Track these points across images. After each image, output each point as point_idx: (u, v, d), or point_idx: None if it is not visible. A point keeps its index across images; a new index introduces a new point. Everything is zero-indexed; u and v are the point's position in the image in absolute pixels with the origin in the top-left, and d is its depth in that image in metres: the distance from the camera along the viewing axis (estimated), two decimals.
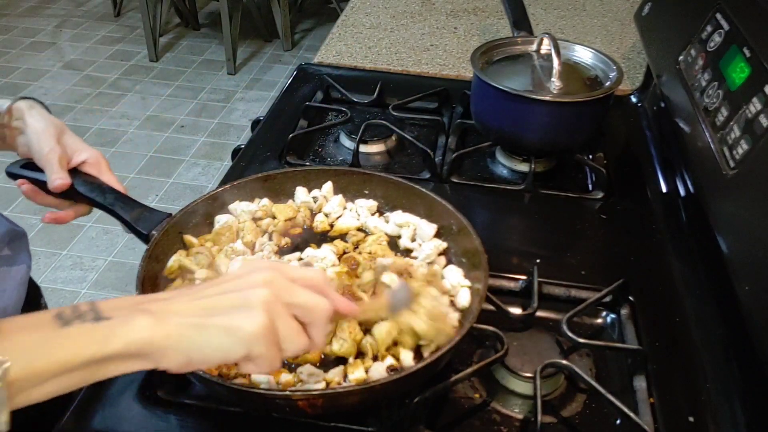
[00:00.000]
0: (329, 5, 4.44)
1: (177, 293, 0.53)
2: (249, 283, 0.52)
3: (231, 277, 0.54)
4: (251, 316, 0.50)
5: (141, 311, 0.49)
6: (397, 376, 0.61)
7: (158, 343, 0.48)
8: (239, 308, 0.51)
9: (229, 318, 0.50)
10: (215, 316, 0.50)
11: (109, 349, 0.47)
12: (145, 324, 0.48)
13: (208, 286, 0.54)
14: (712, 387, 0.74)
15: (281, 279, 0.53)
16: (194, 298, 0.52)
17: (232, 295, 0.52)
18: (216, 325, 0.50)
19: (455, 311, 0.73)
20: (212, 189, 0.86)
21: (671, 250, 0.93)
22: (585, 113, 1.02)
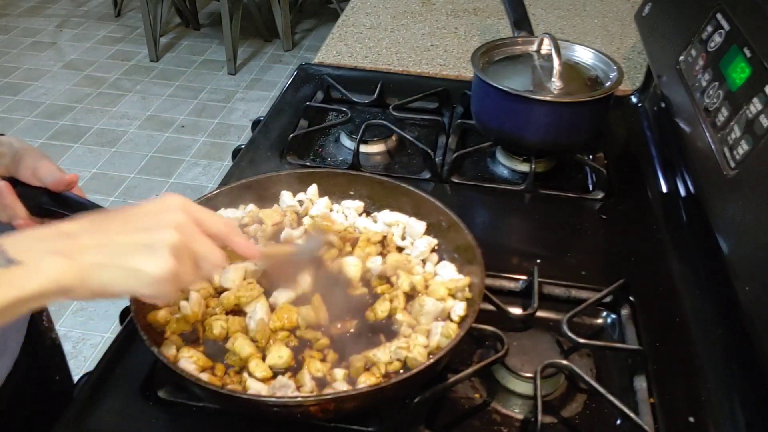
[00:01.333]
0: (329, 5, 4.44)
1: (85, 225, 0.53)
2: (158, 223, 0.53)
3: (142, 211, 0.55)
4: (156, 259, 0.52)
5: (51, 253, 0.50)
6: (406, 375, 0.61)
7: (69, 283, 0.50)
8: (146, 249, 0.52)
9: (135, 259, 0.51)
10: (122, 256, 0.51)
11: (24, 293, 0.48)
12: (56, 266, 0.49)
13: (117, 218, 0.54)
14: (712, 387, 0.74)
15: (189, 224, 0.55)
16: (102, 232, 0.53)
17: (141, 235, 0.53)
18: (122, 266, 0.51)
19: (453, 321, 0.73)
20: (201, 196, 0.85)
21: (671, 250, 0.93)
22: (585, 113, 1.02)
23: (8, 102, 3.44)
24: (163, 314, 0.71)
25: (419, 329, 0.71)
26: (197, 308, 0.72)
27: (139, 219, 0.54)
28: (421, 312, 0.72)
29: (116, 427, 0.69)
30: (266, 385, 0.66)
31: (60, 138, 3.17)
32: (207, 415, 0.69)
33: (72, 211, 0.73)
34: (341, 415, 0.67)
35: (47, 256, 0.50)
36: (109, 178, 2.90)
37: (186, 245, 0.54)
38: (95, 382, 0.72)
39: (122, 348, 0.76)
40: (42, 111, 3.38)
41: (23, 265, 0.49)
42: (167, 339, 0.70)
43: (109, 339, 0.72)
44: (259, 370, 0.67)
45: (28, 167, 0.71)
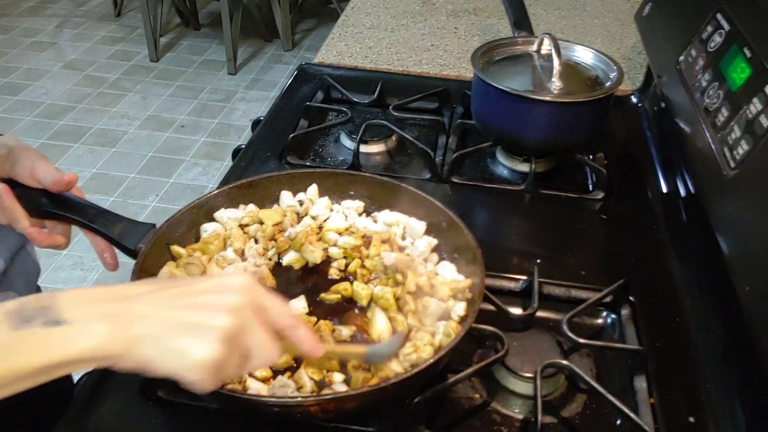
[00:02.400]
0: (330, 5, 4.44)
1: (144, 290, 0.51)
2: (215, 304, 0.50)
3: (202, 287, 0.52)
4: (204, 343, 0.48)
5: (102, 317, 0.47)
6: (406, 375, 0.61)
7: (114, 351, 0.47)
8: (196, 330, 0.49)
9: (182, 340, 0.48)
10: (170, 333, 0.48)
11: (66, 357, 0.46)
12: (104, 332, 0.47)
13: (175, 289, 0.51)
14: (712, 387, 0.74)
15: (248, 311, 0.51)
16: (157, 301, 0.50)
17: (195, 314, 0.49)
18: (168, 344, 0.48)
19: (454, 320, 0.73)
20: (201, 196, 0.85)
21: (671, 250, 0.93)
22: (585, 113, 1.02)
23: (8, 102, 3.44)
24: None
25: (424, 330, 0.71)
26: None
27: (198, 295, 0.51)
28: (425, 313, 0.72)
29: (116, 427, 0.69)
30: (266, 385, 0.66)
31: (60, 138, 3.17)
32: (207, 415, 0.69)
33: (73, 213, 0.73)
34: (341, 415, 0.67)
35: (97, 320, 0.47)
36: (109, 178, 2.90)
37: (239, 334, 0.50)
38: (95, 382, 0.72)
39: None
40: (42, 111, 3.38)
41: (70, 326, 0.46)
42: None
43: None
44: (258, 370, 0.67)
45: (25, 168, 0.70)
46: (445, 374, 0.71)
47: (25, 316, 0.45)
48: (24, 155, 0.71)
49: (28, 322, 0.45)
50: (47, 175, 0.70)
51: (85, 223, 0.73)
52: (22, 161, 0.71)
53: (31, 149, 0.72)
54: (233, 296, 0.51)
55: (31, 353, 0.45)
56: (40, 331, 0.45)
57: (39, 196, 0.71)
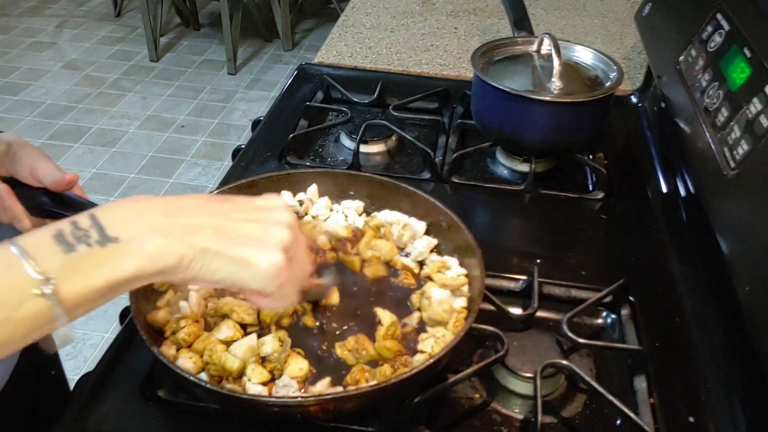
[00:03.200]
0: (329, 5, 4.44)
1: (193, 202, 0.50)
2: (272, 219, 0.52)
3: (253, 204, 0.53)
4: (269, 254, 0.50)
5: (155, 230, 0.46)
6: (406, 375, 0.61)
7: (171, 265, 0.47)
8: (259, 242, 0.50)
9: (247, 250, 0.49)
10: (234, 245, 0.49)
11: (122, 275, 0.45)
12: (158, 245, 0.46)
13: (227, 203, 0.52)
14: (712, 387, 0.74)
15: (296, 228, 0.54)
16: (215, 214, 0.50)
17: (254, 226, 0.51)
18: (233, 255, 0.49)
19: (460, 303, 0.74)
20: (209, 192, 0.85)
21: (671, 250, 0.93)
22: (585, 113, 1.02)
23: (8, 102, 3.44)
24: (162, 314, 0.71)
25: (438, 315, 0.72)
26: (197, 308, 0.72)
27: (251, 212, 0.52)
28: (431, 304, 0.73)
29: (116, 427, 0.69)
30: (266, 387, 0.66)
31: (60, 138, 3.17)
32: (207, 415, 0.69)
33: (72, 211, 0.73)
34: (341, 415, 0.67)
35: (150, 233, 0.46)
36: (109, 178, 2.90)
37: (292, 247, 0.52)
38: (95, 382, 0.72)
39: (122, 348, 0.76)
40: (42, 111, 3.38)
41: (123, 243, 0.45)
42: (167, 339, 0.70)
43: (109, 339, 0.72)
44: (256, 375, 0.67)
45: (25, 167, 0.70)
46: (445, 374, 0.71)
47: (76, 237, 0.44)
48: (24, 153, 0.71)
49: (81, 242, 0.44)
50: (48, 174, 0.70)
51: None
52: (23, 160, 0.70)
53: (31, 147, 0.72)
54: (284, 214, 0.53)
55: (87, 276, 0.44)
56: (94, 251, 0.44)
57: (39, 195, 0.71)
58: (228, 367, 0.67)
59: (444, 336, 0.70)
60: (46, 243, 0.44)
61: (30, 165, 0.70)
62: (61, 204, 0.72)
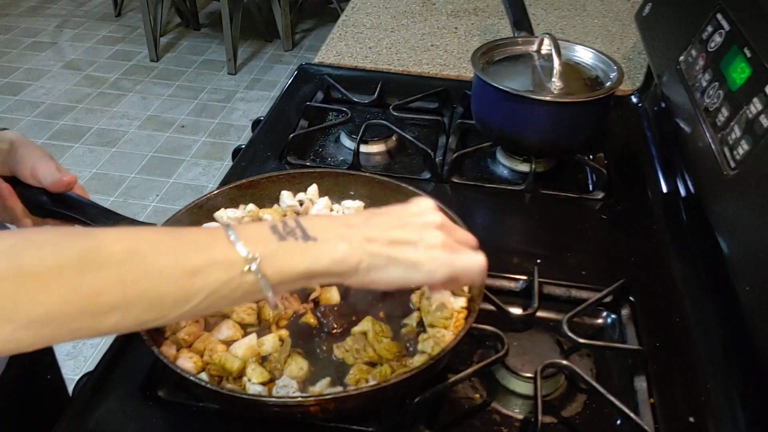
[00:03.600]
0: (330, 5, 4.44)
1: (367, 219, 0.59)
2: (426, 223, 0.59)
3: (406, 212, 0.61)
4: (428, 252, 0.57)
5: (341, 237, 0.55)
6: (406, 375, 0.61)
7: (351, 267, 0.55)
8: (416, 245, 0.57)
9: (410, 253, 0.57)
10: (402, 250, 0.56)
11: (316, 267, 0.54)
12: (344, 250, 0.55)
13: (388, 215, 0.60)
14: (713, 387, 0.74)
15: (449, 225, 0.61)
16: (383, 227, 0.58)
17: (411, 231, 0.58)
18: (403, 259, 0.56)
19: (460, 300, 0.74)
20: (201, 196, 0.85)
21: (671, 250, 0.93)
22: (585, 113, 1.02)
23: (8, 102, 3.44)
24: None
25: (437, 321, 0.72)
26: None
27: (408, 218, 0.60)
28: (430, 305, 0.73)
29: (116, 427, 0.69)
30: (266, 387, 0.66)
31: (60, 138, 3.17)
32: (207, 415, 0.69)
33: (74, 212, 0.73)
34: (341, 415, 0.67)
35: (338, 239, 0.55)
36: (109, 178, 2.90)
37: (447, 243, 0.59)
38: (95, 382, 0.72)
39: (122, 348, 0.76)
40: (42, 111, 3.38)
41: (319, 242, 0.54)
42: (167, 339, 0.70)
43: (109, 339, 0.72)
44: (256, 375, 0.67)
45: (26, 167, 0.70)
46: (445, 374, 0.71)
47: (286, 232, 0.54)
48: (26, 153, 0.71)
49: (290, 236, 0.54)
50: (47, 175, 0.70)
51: (86, 222, 0.73)
52: (24, 159, 0.71)
53: (33, 146, 0.72)
54: (433, 215, 0.60)
55: (295, 260, 0.53)
56: (299, 244, 0.54)
57: (40, 195, 0.71)
58: (228, 367, 0.67)
59: (444, 336, 0.70)
60: (265, 232, 0.54)
61: (31, 165, 0.70)
62: (62, 204, 0.72)
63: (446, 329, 0.71)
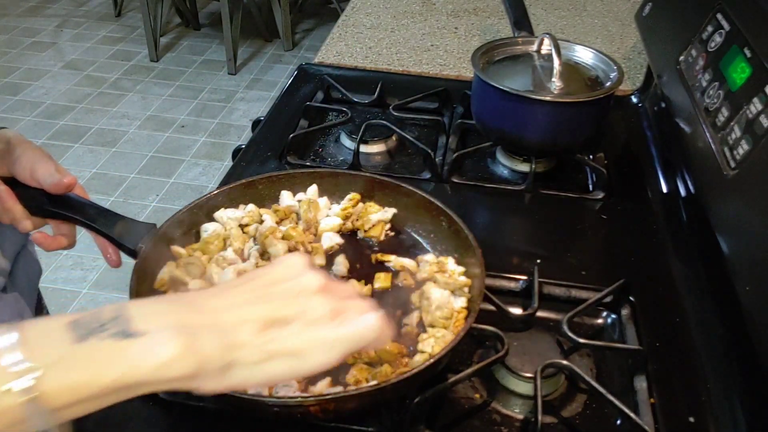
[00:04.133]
0: (330, 5, 4.44)
1: (222, 292, 0.45)
2: (303, 290, 0.46)
3: (271, 278, 0.47)
4: (318, 335, 0.44)
5: (176, 329, 0.41)
6: (406, 375, 0.61)
7: (191, 370, 0.41)
8: (300, 322, 0.44)
9: (296, 337, 0.44)
10: (279, 336, 0.43)
11: (133, 376, 0.40)
12: (176, 348, 0.40)
13: (251, 284, 0.46)
14: (713, 387, 0.74)
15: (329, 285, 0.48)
16: (247, 305, 0.44)
17: (290, 304, 0.45)
18: (282, 350, 0.43)
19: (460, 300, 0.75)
20: (201, 196, 0.85)
21: (672, 250, 0.93)
22: (585, 113, 1.02)
23: (8, 102, 3.44)
24: None
25: (437, 321, 0.72)
26: None
27: (279, 284, 0.46)
28: (430, 304, 0.73)
29: (116, 427, 0.69)
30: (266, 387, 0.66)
31: (60, 138, 3.17)
32: (207, 415, 0.69)
33: (73, 212, 0.73)
34: (341, 415, 0.67)
35: (171, 331, 0.40)
36: (109, 178, 2.90)
37: (338, 304, 0.46)
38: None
39: None
40: (42, 111, 3.38)
41: (142, 338, 0.40)
42: None
43: None
44: None
45: (25, 168, 0.70)
46: (445, 374, 0.71)
47: (89, 327, 0.40)
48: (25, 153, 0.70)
49: (96, 333, 0.40)
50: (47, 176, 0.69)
51: (85, 222, 0.73)
52: (22, 160, 0.70)
53: (32, 146, 0.72)
54: (311, 277, 0.47)
55: (96, 369, 0.39)
56: (108, 344, 0.39)
57: (40, 196, 0.71)
58: None
59: (444, 336, 0.70)
60: (59, 330, 0.39)
61: (30, 165, 0.70)
62: (61, 205, 0.72)
63: (446, 329, 0.71)
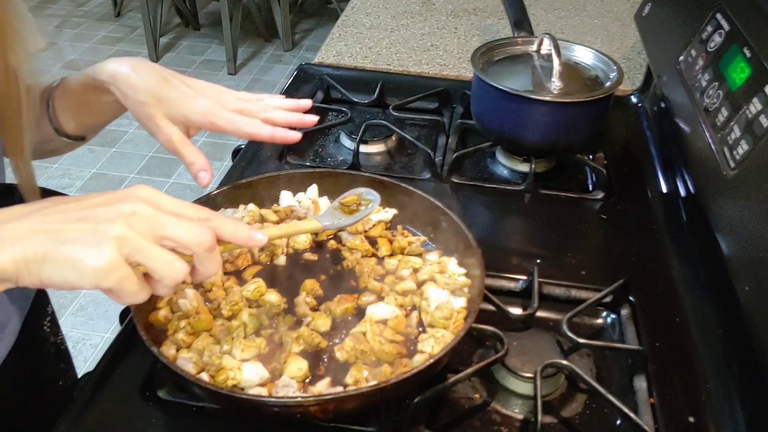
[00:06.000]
0: (329, 5, 4.44)
1: (31, 209, 0.50)
2: (109, 214, 0.49)
3: (97, 200, 0.50)
4: (98, 251, 0.47)
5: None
6: (407, 375, 0.61)
7: (10, 269, 0.46)
8: (88, 240, 0.47)
9: (74, 249, 0.47)
10: (62, 245, 0.47)
11: None
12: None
13: (68, 203, 0.50)
14: (712, 387, 0.74)
15: (148, 210, 0.50)
16: (47, 215, 0.49)
17: (86, 225, 0.48)
18: (60, 256, 0.47)
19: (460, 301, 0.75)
20: (201, 196, 0.85)
21: (671, 250, 0.93)
22: (585, 113, 1.02)
23: None
24: (163, 314, 0.71)
25: (437, 322, 0.72)
26: (196, 302, 0.72)
27: (92, 209, 0.49)
28: (430, 305, 0.73)
29: (116, 427, 0.69)
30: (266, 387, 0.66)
31: None
32: (207, 415, 0.69)
33: None
34: (341, 415, 0.67)
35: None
36: (109, 178, 2.90)
37: (142, 232, 0.49)
38: (95, 382, 0.72)
39: (122, 348, 0.76)
40: None
41: None
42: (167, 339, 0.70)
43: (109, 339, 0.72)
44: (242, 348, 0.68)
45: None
46: (445, 374, 0.72)
47: None
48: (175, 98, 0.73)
49: None
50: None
51: None
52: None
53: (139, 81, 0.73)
54: (131, 204, 0.49)
55: None
56: None
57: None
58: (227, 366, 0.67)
59: (444, 336, 0.70)
60: None
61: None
62: None
63: (446, 329, 0.71)
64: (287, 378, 0.66)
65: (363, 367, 0.68)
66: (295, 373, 0.67)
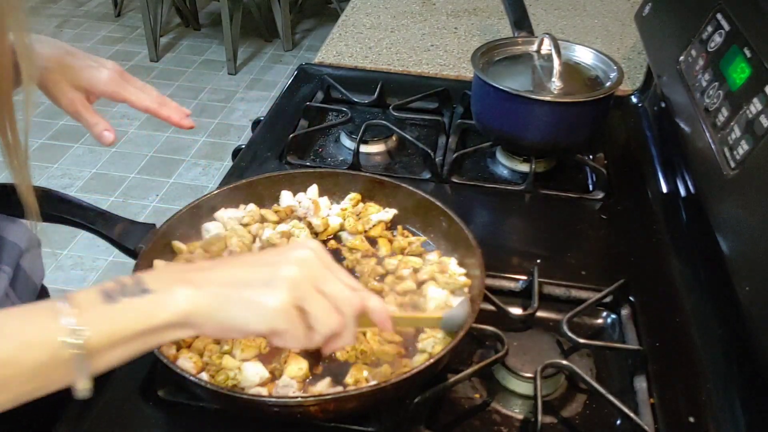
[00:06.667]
0: (330, 5, 4.44)
1: (219, 262, 0.55)
2: (283, 260, 0.53)
3: (273, 251, 0.56)
4: (274, 292, 0.51)
5: (182, 282, 0.51)
6: (407, 375, 0.61)
7: (197, 313, 0.50)
8: (266, 283, 0.51)
9: (254, 292, 0.51)
10: (243, 289, 0.51)
11: (156, 321, 0.49)
12: (185, 295, 0.50)
13: (249, 257, 0.57)
14: (713, 387, 0.74)
15: (317, 262, 0.54)
16: (233, 267, 0.53)
17: (264, 270, 0.52)
18: (241, 298, 0.51)
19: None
20: (201, 196, 0.85)
21: (671, 250, 0.93)
22: (585, 113, 1.02)
23: None
24: None
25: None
26: None
27: (268, 257, 0.55)
28: (427, 302, 0.73)
29: (116, 427, 0.69)
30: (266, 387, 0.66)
31: (60, 138, 3.17)
32: (207, 415, 0.69)
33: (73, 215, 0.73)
34: (341, 415, 0.67)
35: (179, 285, 0.50)
36: (109, 178, 2.90)
37: (310, 279, 0.53)
38: (95, 382, 0.72)
39: None
40: (42, 111, 3.37)
41: (157, 294, 0.50)
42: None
43: None
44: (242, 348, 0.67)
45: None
46: (445, 374, 0.71)
47: (115, 291, 0.49)
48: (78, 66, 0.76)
49: (120, 296, 0.49)
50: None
51: (86, 224, 0.74)
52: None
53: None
54: (301, 251, 0.54)
55: (125, 320, 0.48)
56: (133, 301, 0.49)
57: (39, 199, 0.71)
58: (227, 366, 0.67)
59: (444, 336, 0.70)
60: (92, 296, 0.49)
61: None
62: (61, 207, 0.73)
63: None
64: (287, 378, 0.66)
65: (363, 367, 0.68)
66: (295, 373, 0.67)
